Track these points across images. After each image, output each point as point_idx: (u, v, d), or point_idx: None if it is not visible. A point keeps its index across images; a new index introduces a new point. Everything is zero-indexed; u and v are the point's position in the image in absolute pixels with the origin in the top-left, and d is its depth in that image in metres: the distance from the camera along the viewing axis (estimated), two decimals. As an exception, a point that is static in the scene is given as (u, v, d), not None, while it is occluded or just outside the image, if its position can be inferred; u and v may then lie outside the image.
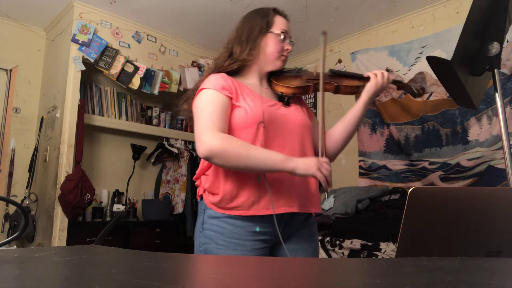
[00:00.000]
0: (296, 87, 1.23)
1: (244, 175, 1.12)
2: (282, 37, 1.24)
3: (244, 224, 1.11)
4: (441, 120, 2.91)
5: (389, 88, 3.26)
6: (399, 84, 1.33)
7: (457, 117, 2.82)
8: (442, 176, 2.84)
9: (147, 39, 3.54)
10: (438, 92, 2.94)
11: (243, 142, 1.09)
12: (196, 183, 1.24)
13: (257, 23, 1.25)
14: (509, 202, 0.61)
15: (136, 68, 3.30)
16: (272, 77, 1.27)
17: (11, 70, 3.36)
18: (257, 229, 1.11)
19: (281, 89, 1.24)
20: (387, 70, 3.26)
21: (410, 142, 3.09)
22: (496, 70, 0.96)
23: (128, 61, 3.29)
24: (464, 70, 0.96)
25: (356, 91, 1.27)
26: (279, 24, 1.26)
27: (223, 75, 1.18)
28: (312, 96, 3.95)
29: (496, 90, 0.97)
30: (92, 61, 3.12)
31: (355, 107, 1.27)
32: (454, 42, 0.89)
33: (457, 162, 2.77)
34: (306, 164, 1.04)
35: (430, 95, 3.00)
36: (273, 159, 1.04)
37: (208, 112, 1.10)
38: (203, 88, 1.15)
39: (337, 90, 1.25)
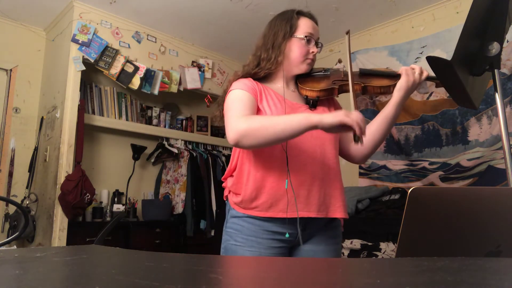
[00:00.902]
0: (320, 90, 1.21)
1: (266, 179, 1.14)
2: (306, 40, 1.23)
3: (261, 223, 1.15)
4: (441, 120, 2.91)
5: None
6: (437, 81, 1.19)
7: (457, 117, 2.82)
8: (442, 176, 2.84)
9: (147, 39, 3.54)
10: (438, 92, 2.94)
11: (263, 116, 1.12)
12: (223, 184, 1.28)
13: (281, 28, 1.25)
14: (509, 202, 0.61)
15: (136, 68, 3.31)
16: (299, 80, 1.27)
17: (11, 70, 3.36)
18: (287, 235, 1.14)
19: (306, 92, 1.23)
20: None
21: (410, 142, 3.09)
22: (496, 70, 0.96)
23: (128, 61, 3.29)
24: (464, 70, 0.96)
25: (386, 91, 1.20)
26: (303, 27, 1.25)
27: (249, 78, 1.22)
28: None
29: (496, 90, 0.97)
30: (92, 61, 3.12)
31: (387, 108, 1.21)
32: (454, 42, 0.89)
33: (457, 162, 2.77)
34: (332, 114, 1.01)
35: (430, 95, 3.00)
36: (297, 119, 1.03)
37: (235, 107, 1.13)
38: (230, 90, 1.19)
39: (364, 91, 1.20)
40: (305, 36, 1.23)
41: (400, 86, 1.15)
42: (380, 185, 3.22)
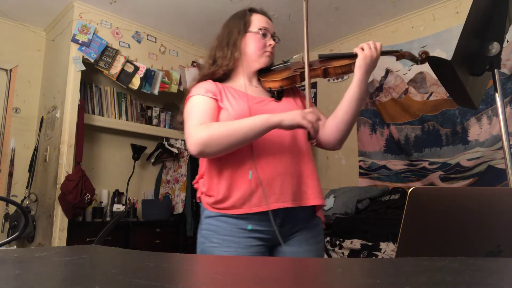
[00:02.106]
0: (281, 79, 1.20)
1: (235, 175, 1.12)
2: (261, 34, 1.24)
3: (237, 222, 1.11)
4: (441, 120, 2.91)
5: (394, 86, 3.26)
6: (396, 54, 1.22)
7: (457, 117, 2.82)
8: (442, 176, 2.84)
9: (147, 39, 3.54)
10: (438, 92, 2.94)
11: (223, 122, 1.11)
12: (195, 186, 1.25)
13: (235, 26, 1.26)
14: (509, 202, 0.61)
15: (136, 68, 3.31)
16: (260, 74, 1.26)
17: (11, 70, 3.36)
18: (249, 227, 1.10)
19: (268, 84, 1.22)
20: (387, 70, 3.26)
21: (410, 142, 3.09)
22: (496, 70, 0.96)
23: (128, 61, 3.29)
24: (464, 70, 0.96)
25: (347, 71, 1.19)
26: (257, 22, 1.25)
27: (208, 81, 1.21)
28: (312, 96, 3.95)
29: (496, 90, 0.97)
30: (92, 61, 3.12)
31: (350, 88, 1.19)
32: (454, 42, 0.89)
33: (457, 162, 2.77)
34: (291, 115, 1.04)
35: (430, 95, 3.00)
36: (259, 121, 1.05)
37: (193, 114, 1.13)
38: (189, 97, 1.19)
39: (326, 74, 1.19)
40: (260, 29, 1.24)
41: (359, 64, 1.15)
42: (380, 185, 3.22)
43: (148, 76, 3.39)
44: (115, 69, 3.22)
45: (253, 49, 1.23)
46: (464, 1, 2.88)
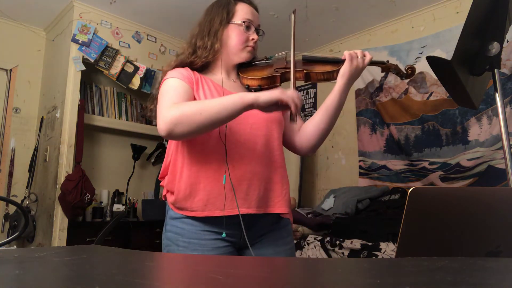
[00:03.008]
0: (261, 78, 1.14)
1: (199, 173, 1.06)
2: (245, 26, 1.16)
3: (201, 224, 1.06)
4: (441, 120, 2.91)
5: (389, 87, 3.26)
6: (382, 65, 1.17)
7: (457, 117, 2.82)
8: (442, 176, 2.84)
9: (147, 39, 3.54)
10: (438, 92, 2.94)
11: (195, 101, 1.05)
12: (161, 183, 1.19)
13: (218, 14, 1.17)
14: (509, 202, 0.61)
15: (136, 68, 3.31)
16: (240, 69, 1.19)
17: (11, 70, 3.36)
18: (223, 235, 1.06)
19: (247, 81, 1.15)
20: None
21: (410, 142, 3.09)
22: (496, 70, 0.96)
23: (128, 61, 3.29)
24: (464, 70, 0.96)
25: (329, 78, 1.14)
26: (240, 13, 1.17)
27: (185, 68, 1.14)
28: (312, 96, 3.95)
29: (496, 90, 0.97)
30: (92, 61, 3.12)
31: (331, 95, 1.14)
32: (454, 42, 0.89)
33: (457, 162, 2.77)
34: (268, 92, 0.96)
35: (430, 95, 3.00)
36: (232, 99, 0.96)
37: (168, 96, 1.05)
38: (164, 79, 1.12)
39: (307, 78, 1.14)
40: (243, 22, 1.16)
41: (344, 72, 1.10)
42: (380, 185, 3.22)
43: (148, 76, 3.39)
44: (115, 69, 3.22)
45: (234, 42, 1.16)
46: (464, 1, 2.89)
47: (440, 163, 2.87)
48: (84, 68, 3.06)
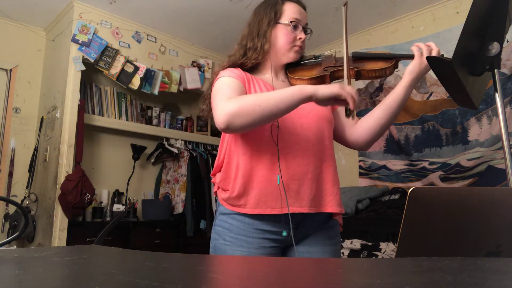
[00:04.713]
0: (311, 78, 1.14)
1: (252, 172, 1.08)
2: (292, 26, 1.16)
3: (251, 221, 1.08)
4: (441, 120, 2.91)
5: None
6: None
7: (457, 117, 2.82)
8: (442, 176, 2.84)
9: (147, 39, 3.54)
10: (438, 92, 2.94)
11: (252, 94, 1.06)
12: (212, 180, 1.22)
13: (266, 15, 1.18)
14: (509, 202, 0.61)
15: (136, 68, 3.31)
16: (288, 69, 1.20)
17: (11, 70, 3.36)
18: (284, 233, 1.08)
19: (296, 82, 1.16)
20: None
21: (410, 142, 3.09)
22: (496, 70, 0.96)
23: (128, 61, 3.29)
24: (464, 70, 0.96)
25: (381, 75, 1.12)
26: (288, 12, 1.18)
27: (237, 68, 1.16)
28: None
29: (496, 90, 0.97)
30: (92, 61, 3.12)
31: (395, 91, 1.12)
32: (454, 42, 0.89)
33: (457, 162, 2.77)
34: (327, 86, 0.96)
35: (430, 95, 3.00)
36: (290, 91, 0.98)
37: (223, 91, 1.06)
38: (217, 78, 1.13)
39: (358, 76, 1.11)
40: (291, 22, 1.16)
41: (412, 68, 1.09)
42: (380, 185, 3.22)
43: (148, 76, 3.39)
44: (115, 69, 3.22)
45: (282, 43, 1.16)
46: (464, 1, 2.89)
47: (440, 163, 2.87)
48: (84, 68, 3.06)
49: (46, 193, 3.07)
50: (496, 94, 0.97)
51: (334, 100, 0.97)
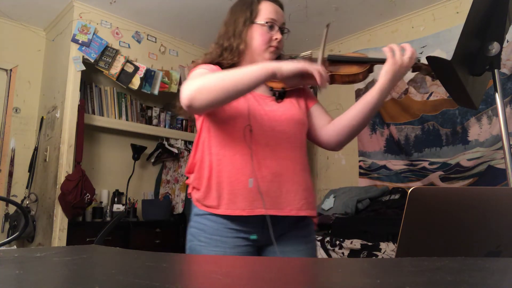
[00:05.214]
0: None
1: (224, 173, 1.07)
2: (268, 26, 1.14)
3: (224, 221, 1.07)
4: (441, 120, 2.91)
5: None
6: (414, 65, 1.10)
7: (457, 117, 2.82)
8: (442, 176, 2.84)
9: (147, 39, 3.54)
10: (438, 92, 2.94)
11: (216, 71, 1.05)
12: (186, 181, 1.20)
13: (241, 14, 1.16)
14: (509, 202, 0.61)
15: (136, 68, 3.30)
16: None
17: (11, 70, 3.36)
18: (252, 237, 1.07)
19: (270, 83, 1.13)
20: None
21: (410, 142, 3.09)
22: (496, 70, 0.96)
23: (128, 61, 3.29)
24: (464, 70, 0.96)
25: (354, 80, 1.11)
26: (264, 12, 1.15)
27: (215, 65, 1.15)
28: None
29: (496, 90, 0.97)
30: (92, 61, 3.12)
31: (369, 93, 1.09)
32: (454, 42, 0.89)
33: (457, 162, 2.77)
34: (292, 62, 0.93)
35: (430, 95, 3.00)
36: (255, 67, 0.95)
37: (192, 77, 1.05)
38: (192, 70, 1.12)
39: (332, 80, 1.10)
40: (266, 22, 1.14)
41: (387, 69, 1.06)
42: (380, 185, 3.22)
43: (148, 76, 3.39)
44: (115, 69, 3.22)
45: (257, 43, 1.14)
46: (464, 1, 2.89)
47: (440, 163, 2.87)
48: (84, 68, 3.06)
49: (46, 193, 3.07)
50: (496, 94, 0.97)
51: (300, 78, 0.95)
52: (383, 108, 3.29)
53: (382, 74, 1.07)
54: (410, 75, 3.11)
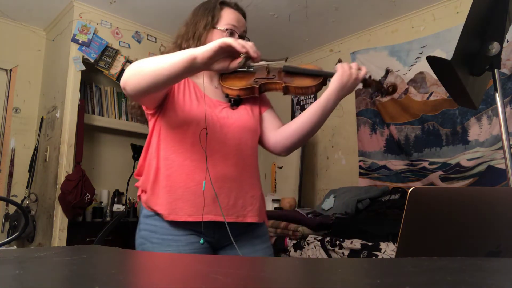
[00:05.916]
0: (240, 88, 1.13)
1: (172, 177, 1.06)
2: (228, 33, 1.14)
3: (173, 224, 1.07)
4: (441, 120, 2.91)
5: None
6: (364, 81, 1.14)
7: (457, 117, 2.82)
8: (442, 176, 2.84)
9: (147, 39, 3.54)
10: (438, 92, 2.94)
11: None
12: (136, 184, 1.20)
13: (203, 18, 1.16)
14: (509, 202, 0.61)
15: (136, 68, 3.30)
16: (221, 76, 1.17)
17: (11, 70, 3.36)
18: (201, 241, 1.07)
19: (226, 90, 1.15)
20: (387, 70, 3.26)
21: (410, 142, 3.09)
22: (496, 70, 0.96)
23: (128, 61, 3.29)
24: (464, 70, 0.96)
25: (306, 92, 1.14)
26: (226, 18, 1.16)
27: None
28: (312, 97, 3.95)
29: (496, 90, 0.97)
30: (92, 61, 3.12)
31: (317, 101, 1.11)
32: (454, 42, 0.89)
33: (457, 162, 2.77)
34: (208, 44, 0.90)
35: (430, 95, 3.00)
36: (180, 54, 0.92)
37: None
38: None
39: (286, 91, 1.14)
40: (227, 29, 1.14)
41: (336, 78, 1.08)
42: (380, 185, 3.22)
43: (148, 76, 3.38)
44: (115, 69, 3.22)
45: None
46: (464, 1, 2.89)
47: (440, 163, 2.87)
48: (84, 68, 3.06)
49: (46, 193, 3.07)
50: (496, 94, 0.97)
51: (226, 55, 0.91)
52: (383, 108, 3.30)
53: (331, 83, 1.10)
54: (410, 75, 3.11)
